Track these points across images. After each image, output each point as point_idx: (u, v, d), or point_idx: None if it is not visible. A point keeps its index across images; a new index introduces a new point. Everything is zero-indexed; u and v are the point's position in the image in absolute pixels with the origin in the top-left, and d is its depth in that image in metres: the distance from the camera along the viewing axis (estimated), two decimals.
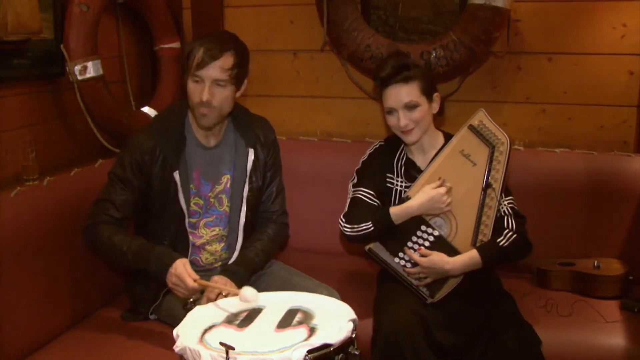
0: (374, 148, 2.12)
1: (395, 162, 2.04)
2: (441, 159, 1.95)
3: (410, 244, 1.93)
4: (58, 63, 2.21)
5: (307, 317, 1.48)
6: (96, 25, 2.24)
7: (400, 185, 2.01)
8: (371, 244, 1.96)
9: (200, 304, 1.65)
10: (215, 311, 1.55)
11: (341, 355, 1.33)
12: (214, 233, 2.01)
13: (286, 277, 2.02)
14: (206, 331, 1.43)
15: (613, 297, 2.10)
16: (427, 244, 1.92)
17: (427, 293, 1.93)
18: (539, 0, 2.53)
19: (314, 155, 2.65)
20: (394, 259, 1.95)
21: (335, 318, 1.45)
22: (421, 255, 1.90)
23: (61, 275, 1.95)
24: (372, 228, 1.91)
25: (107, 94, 2.31)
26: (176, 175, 1.91)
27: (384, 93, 1.95)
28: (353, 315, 1.47)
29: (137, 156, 1.88)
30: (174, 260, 1.76)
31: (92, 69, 2.22)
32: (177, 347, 1.36)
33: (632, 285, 2.14)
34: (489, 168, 1.91)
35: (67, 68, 2.19)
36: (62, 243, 1.95)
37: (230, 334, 1.41)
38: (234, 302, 1.61)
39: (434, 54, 2.42)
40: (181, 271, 1.72)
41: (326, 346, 1.31)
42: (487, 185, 1.91)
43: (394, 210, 1.90)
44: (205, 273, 1.97)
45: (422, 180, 1.94)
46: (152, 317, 1.99)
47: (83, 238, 1.90)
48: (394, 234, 1.92)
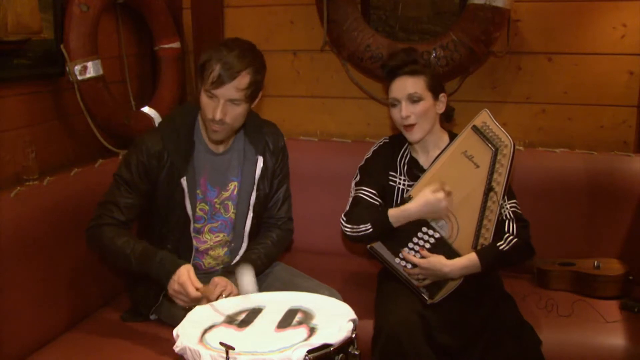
0: (378, 145, 2.11)
1: (398, 160, 2.04)
2: (444, 160, 1.94)
3: (411, 245, 1.92)
4: (58, 63, 2.21)
5: (307, 317, 1.48)
6: (96, 25, 2.24)
7: (402, 183, 2.01)
8: (373, 243, 1.96)
9: (200, 304, 1.65)
10: (215, 311, 1.55)
11: (341, 355, 1.33)
12: (218, 239, 2.00)
13: (288, 278, 2.02)
14: (206, 331, 1.43)
15: (613, 297, 2.10)
16: (428, 246, 1.91)
17: (427, 294, 1.93)
18: (539, 0, 2.53)
19: (314, 155, 2.65)
20: (395, 259, 1.95)
21: (335, 318, 1.45)
22: (421, 256, 1.90)
23: (61, 275, 1.95)
24: (371, 229, 1.91)
25: (107, 94, 2.31)
26: (184, 181, 1.88)
27: (391, 85, 1.95)
28: (353, 315, 1.47)
29: (144, 159, 1.86)
30: (178, 266, 1.72)
31: (92, 69, 2.22)
32: (177, 347, 1.36)
33: (632, 285, 2.14)
34: (492, 171, 1.90)
35: (67, 68, 2.19)
36: (62, 243, 1.95)
37: (230, 334, 1.41)
38: (234, 303, 1.61)
39: (434, 54, 2.42)
40: (185, 279, 1.68)
41: (326, 346, 1.31)
42: (490, 188, 1.89)
43: (393, 212, 1.90)
44: (206, 276, 1.97)
45: (424, 180, 1.94)
46: (153, 318, 1.99)
47: (86, 239, 1.89)
48: (396, 234, 1.92)
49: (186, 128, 1.92)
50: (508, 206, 1.94)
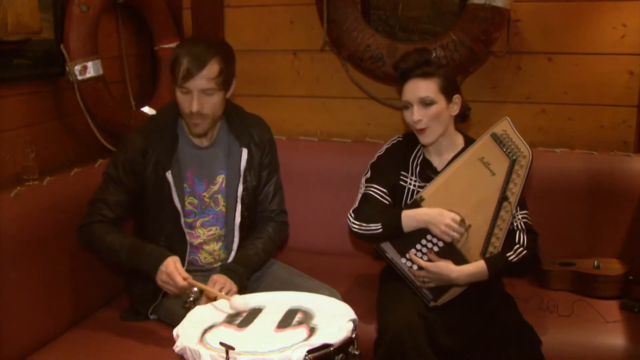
0: (391, 143, 2.08)
1: (411, 161, 2.01)
2: (460, 164, 1.91)
3: (419, 247, 1.90)
4: (58, 63, 2.21)
5: (307, 317, 1.48)
6: (96, 25, 2.24)
7: (413, 184, 1.99)
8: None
9: (199, 304, 1.65)
10: (215, 311, 1.55)
11: (341, 355, 1.33)
12: (211, 233, 2.01)
13: (287, 278, 2.02)
14: (206, 331, 1.43)
15: (613, 297, 2.10)
16: (436, 249, 1.89)
17: (430, 296, 1.92)
18: (539, 0, 2.53)
19: (314, 155, 2.65)
20: (401, 259, 1.93)
21: (335, 318, 1.45)
22: (429, 259, 1.88)
23: (61, 275, 1.95)
24: (381, 230, 1.89)
25: (107, 94, 2.31)
26: (169, 175, 1.91)
27: (403, 87, 1.93)
28: (353, 315, 1.46)
29: (130, 156, 1.90)
30: (165, 257, 1.77)
31: (92, 69, 2.22)
32: (177, 347, 1.36)
33: (632, 285, 2.14)
34: (508, 180, 1.87)
35: (67, 68, 2.19)
36: (62, 243, 1.95)
37: (230, 334, 1.41)
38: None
39: (434, 54, 2.42)
40: (172, 269, 1.73)
41: (326, 346, 1.31)
42: (504, 197, 1.87)
43: (407, 214, 1.87)
44: (204, 273, 1.97)
45: (439, 181, 1.91)
46: (152, 317, 1.99)
47: (78, 238, 1.92)
48: (405, 234, 1.89)
49: (169, 124, 1.96)
50: (520, 216, 1.92)
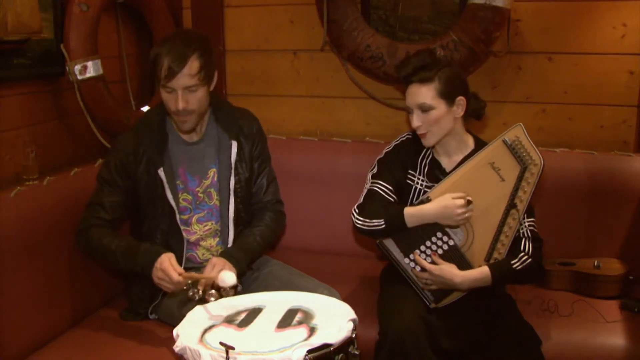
0: (400, 140, 2.06)
1: (420, 160, 1.99)
2: (469, 167, 1.89)
3: (423, 248, 1.89)
4: (58, 63, 2.21)
5: (307, 317, 1.48)
6: (96, 25, 2.24)
7: (420, 184, 1.97)
8: (384, 239, 1.93)
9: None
10: (215, 311, 1.56)
11: (341, 355, 1.33)
12: (207, 228, 2.02)
13: (286, 277, 2.02)
14: (206, 331, 1.43)
15: (613, 297, 2.10)
16: (441, 252, 1.88)
17: (432, 298, 1.91)
18: (539, 0, 2.53)
19: (314, 155, 2.65)
20: (405, 259, 1.92)
21: (335, 318, 1.45)
22: (433, 261, 1.87)
23: (61, 275, 1.95)
24: (384, 226, 1.88)
25: (107, 94, 2.31)
26: (161, 172, 1.92)
27: (406, 90, 1.92)
28: (353, 315, 1.47)
29: (122, 157, 1.92)
30: (159, 255, 1.77)
31: (92, 69, 2.22)
32: (177, 347, 1.36)
33: (632, 285, 2.14)
34: (517, 187, 1.85)
35: (67, 68, 2.19)
36: (62, 243, 1.95)
37: (230, 334, 1.41)
38: (234, 303, 1.61)
39: (439, 53, 2.42)
40: (166, 265, 1.73)
41: (326, 346, 1.31)
42: (512, 205, 1.85)
43: (409, 211, 1.86)
44: (203, 270, 1.98)
45: (447, 183, 1.89)
46: (152, 317, 2.00)
47: (76, 242, 1.93)
48: (409, 234, 1.88)
49: (157, 123, 1.97)
50: (527, 224, 1.90)
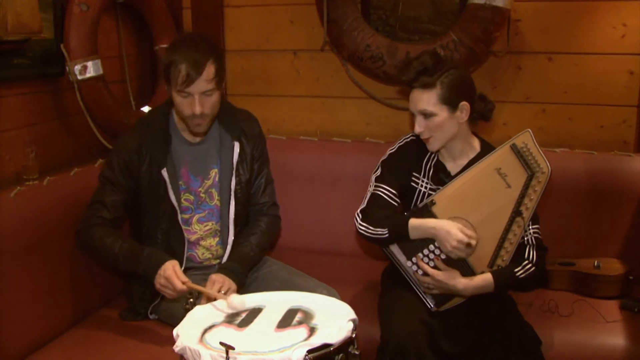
0: (404, 141, 2.02)
1: (424, 162, 1.97)
2: (475, 172, 1.86)
3: (426, 252, 1.88)
4: (58, 63, 2.21)
5: (307, 317, 1.48)
6: (96, 25, 2.24)
7: (425, 186, 1.95)
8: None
9: (199, 304, 1.65)
10: (215, 311, 1.55)
11: (341, 355, 1.33)
12: (207, 228, 2.02)
13: (286, 277, 2.02)
14: (206, 331, 1.43)
15: (613, 297, 2.10)
16: (444, 257, 1.86)
17: (433, 302, 1.90)
18: (539, 0, 2.53)
19: (314, 155, 2.65)
20: (407, 262, 1.91)
21: (335, 318, 1.45)
22: (437, 266, 1.86)
23: (61, 275, 1.95)
24: (387, 235, 1.87)
25: (107, 94, 2.31)
26: (164, 172, 1.92)
27: (410, 94, 1.89)
28: (353, 315, 1.47)
29: (125, 156, 1.92)
30: (164, 262, 1.77)
31: (92, 69, 2.22)
32: (177, 347, 1.36)
33: (632, 285, 2.14)
34: (523, 194, 1.83)
35: (67, 68, 2.19)
36: (62, 243, 1.95)
37: (230, 334, 1.41)
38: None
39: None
40: (170, 273, 1.73)
41: (326, 346, 1.31)
42: (518, 212, 1.83)
43: (413, 224, 1.84)
44: (203, 271, 1.98)
45: (452, 187, 1.87)
46: (152, 317, 2.00)
47: (76, 241, 1.93)
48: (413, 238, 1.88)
49: (161, 122, 1.98)
50: (531, 231, 1.88)
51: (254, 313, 1.53)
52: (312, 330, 1.40)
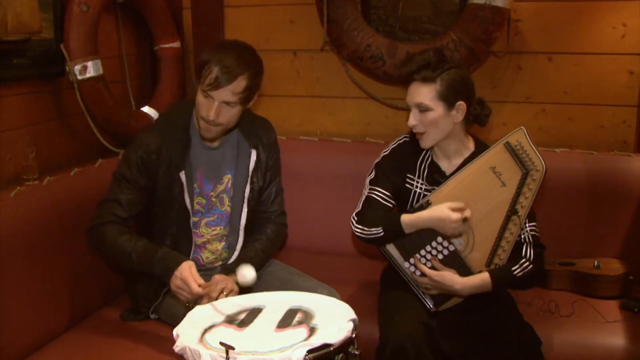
0: (397, 143, 2.02)
1: (419, 163, 1.96)
2: (470, 171, 1.86)
3: (423, 252, 1.88)
4: (58, 63, 2.21)
5: (307, 317, 1.48)
6: (96, 25, 2.24)
7: (420, 187, 1.95)
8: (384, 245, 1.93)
9: (200, 304, 1.65)
10: (215, 311, 1.55)
11: (341, 355, 1.33)
12: (215, 232, 2.02)
13: (286, 277, 2.02)
14: (206, 331, 1.43)
15: (613, 297, 2.10)
16: (441, 257, 1.87)
17: (432, 302, 1.91)
18: (539, 0, 2.53)
19: (314, 155, 2.65)
20: (405, 263, 1.91)
21: (335, 318, 1.45)
22: (434, 266, 1.87)
23: (61, 275, 1.95)
24: (383, 234, 1.87)
25: (107, 94, 2.31)
26: (182, 175, 1.90)
27: (408, 88, 1.89)
28: (353, 315, 1.47)
29: (144, 155, 1.88)
30: (180, 263, 1.74)
31: (92, 69, 2.22)
32: (177, 347, 1.36)
33: (632, 285, 2.14)
34: (519, 193, 1.83)
35: (67, 68, 2.19)
36: (62, 243, 1.95)
37: (230, 334, 1.41)
38: (234, 303, 1.61)
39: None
40: (187, 275, 1.70)
41: (326, 346, 1.31)
42: (514, 211, 1.84)
43: (405, 219, 1.84)
44: (206, 272, 1.98)
45: (447, 187, 1.87)
46: (153, 317, 1.99)
47: (87, 239, 1.88)
48: (410, 239, 1.87)
49: (182, 124, 1.95)
50: (528, 229, 1.88)
51: (254, 313, 1.53)
52: (312, 330, 1.40)
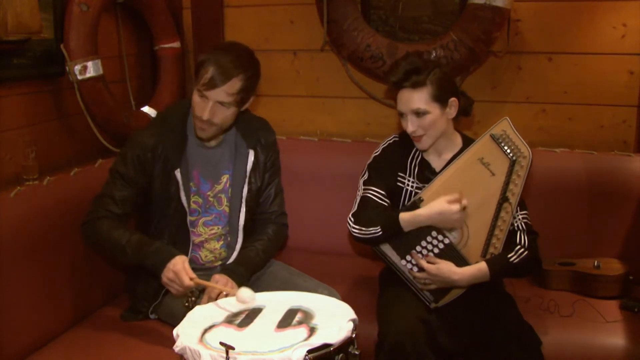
0: (388, 143, 2.05)
1: (409, 162, 1.99)
2: (459, 164, 1.89)
3: (419, 248, 1.89)
4: (58, 63, 2.21)
5: (307, 317, 1.48)
6: (96, 25, 2.24)
7: (411, 185, 1.97)
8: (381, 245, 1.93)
9: (200, 303, 1.65)
10: (215, 311, 1.55)
11: (341, 355, 1.33)
12: (213, 232, 2.02)
13: (286, 277, 2.02)
14: (206, 331, 1.43)
15: (613, 297, 2.10)
16: (437, 251, 1.88)
17: (431, 298, 1.91)
18: (539, 0, 2.53)
19: (314, 155, 2.65)
20: (401, 261, 1.92)
21: (335, 318, 1.45)
22: (429, 262, 1.87)
23: (61, 274, 1.95)
24: (381, 233, 1.87)
25: (107, 94, 2.32)
26: (177, 173, 1.92)
27: (397, 95, 1.90)
28: (353, 315, 1.46)
29: (140, 153, 1.89)
30: (173, 256, 1.76)
31: (92, 69, 2.22)
32: (177, 347, 1.36)
33: (632, 285, 2.14)
34: (508, 181, 1.86)
35: (67, 68, 2.19)
36: (62, 243, 1.95)
37: (230, 334, 1.41)
38: (234, 303, 1.61)
39: (434, 54, 2.42)
40: (179, 268, 1.72)
41: (326, 346, 1.31)
42: (504, 198, 1.86)
43: (404, 217, 1.85)
44: (205, 272, 1.98)
45: (438, 182, 1.89)
46: (152, 317, 2.00)
47: (82, 234, 1.91)
48: (405, 237, 1.88)
49: (178, 122, 1.96)
50: (520, 217, 1.91)
51: (254, 313, 1.53)
52: (312, 330, 1.40)
